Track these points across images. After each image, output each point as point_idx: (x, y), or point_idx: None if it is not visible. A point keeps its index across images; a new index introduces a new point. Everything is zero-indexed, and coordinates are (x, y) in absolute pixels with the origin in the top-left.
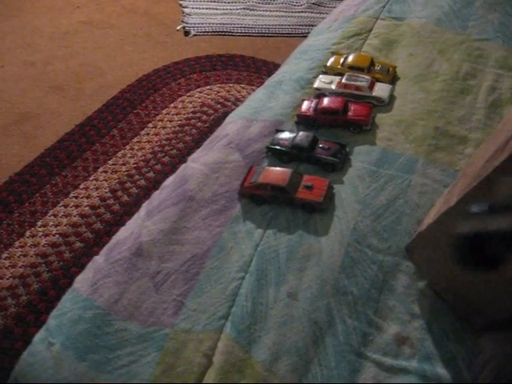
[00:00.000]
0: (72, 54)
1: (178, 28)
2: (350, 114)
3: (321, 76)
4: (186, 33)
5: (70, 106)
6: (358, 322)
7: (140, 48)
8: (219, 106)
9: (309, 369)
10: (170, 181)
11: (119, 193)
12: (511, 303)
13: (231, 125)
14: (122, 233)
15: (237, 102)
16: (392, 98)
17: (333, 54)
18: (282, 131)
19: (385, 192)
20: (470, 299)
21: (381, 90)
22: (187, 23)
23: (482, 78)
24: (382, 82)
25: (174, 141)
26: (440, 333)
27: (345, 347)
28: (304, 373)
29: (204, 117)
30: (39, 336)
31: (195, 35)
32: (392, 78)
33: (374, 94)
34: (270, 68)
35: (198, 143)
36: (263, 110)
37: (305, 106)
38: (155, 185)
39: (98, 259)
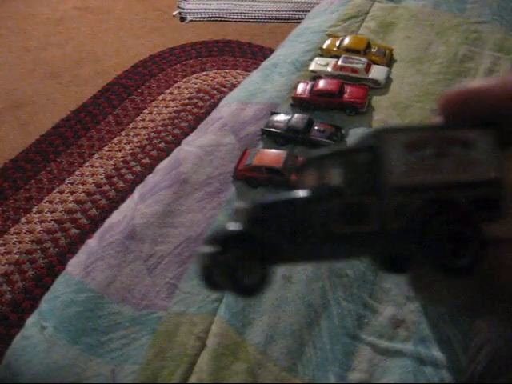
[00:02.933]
0: (67, 40)
1: (174, 13)
2: (345, 96)
3: (317, 58)
4: (182, 18)
5: (65, 92)
6: (353, 304)
7: (136, 34)
8: (215, 91)
9: (303, 351)
10: (163, 164)
11: (115, 179)
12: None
13: (226, 108)
14: (116, 216)
15: (233, 87)
16: (388, 80)
17: (329, 36)
18: (277, 113)
19: None
20: None
21: (377, 72)
22: (183, 9)
23: (480, 61)
24: (378, 64)
25: (169, 127)
26: (436, 315)
27: (340, 330)
28: (298, 355)
29: (200, 103)
30: (31, 319)
31: (191, 21)
32: (389, 61)
33: (370, 76)
34: (266, 54)
35: (193, 129)
36: (258, 93)
37: (300, 88)
38: (151, 171)
39: (91, 242)
